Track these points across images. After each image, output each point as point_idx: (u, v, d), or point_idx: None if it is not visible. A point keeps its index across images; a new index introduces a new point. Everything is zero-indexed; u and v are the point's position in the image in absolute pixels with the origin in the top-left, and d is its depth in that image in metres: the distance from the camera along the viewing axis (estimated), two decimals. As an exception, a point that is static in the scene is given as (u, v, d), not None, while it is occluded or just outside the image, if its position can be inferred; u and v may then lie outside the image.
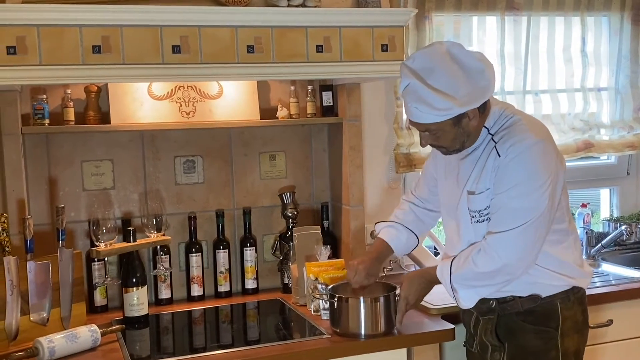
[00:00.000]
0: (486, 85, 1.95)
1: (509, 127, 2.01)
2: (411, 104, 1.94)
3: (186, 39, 2.25)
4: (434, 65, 1.91)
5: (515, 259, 1.95)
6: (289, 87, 2.81)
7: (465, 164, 2.09)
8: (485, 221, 2.02)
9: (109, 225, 2.41)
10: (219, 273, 2.76)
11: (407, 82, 1.94)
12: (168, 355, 2.16)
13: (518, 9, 3.16)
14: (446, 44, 1.97)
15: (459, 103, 1.90)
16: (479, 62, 1.94)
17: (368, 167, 2.99)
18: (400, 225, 2.39)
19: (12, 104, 2.42)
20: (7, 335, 2.17)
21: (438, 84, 1.89)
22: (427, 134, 2.02)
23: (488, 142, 2.03)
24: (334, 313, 2.23)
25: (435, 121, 1.94)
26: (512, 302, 2.07)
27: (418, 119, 1.97)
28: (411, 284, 2.18)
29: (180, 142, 2.76)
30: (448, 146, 2.04)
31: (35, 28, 2.11)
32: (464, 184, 2.07)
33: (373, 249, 2.39)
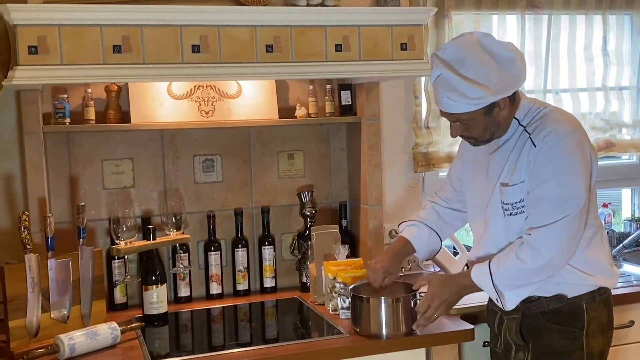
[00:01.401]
0: (518, 74, 1.95)
1: (542, 117, 1.99)
2: (443, 94, 1.94)
3: (206, 38, 2.26)
4: (465, 55, 1.92)
5: (560, 253, 1.92)
6: (308, 87, 2.81)
7: (496, 157, 2.07)
8: (517, 214, 1.99)
9: (129, 223, 2.42)
10: (238, 271, 2.77)
11: (439, 73, 1.94)
12: (187, 353, 2.17)
13: (539, 7, 3.14)
14: (476, 34, 1.98)
15: (492, 92, 1.90)
16: (509, 52, 1.94)
17: (387, 167, 2.99)
18: (421, 223, 2.37)
19: (34, 103, 2.44)
20: (28, 332, 2.19)
21: (470, 73, 1.90)
22: (458, 124, 2.01)
23: (521, 134, 2.01)
24: (354, 313, 2.22)
25: (467, 110, 1.93)
26: (537, 301, 2.04)
27: (450, 109, 1.96)
28: (440, 290, 2.08)
29: (200, 141, 2.77)
30: (478, 136, 2.02)
31: (56, 28, 2.13)
32: (497, 177, 2.05)
33: (393, 247, 2.38)
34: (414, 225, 2.37)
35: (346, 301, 2.35)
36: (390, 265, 2.26)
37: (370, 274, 2.26)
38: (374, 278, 2.25)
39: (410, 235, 2.34)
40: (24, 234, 2.20)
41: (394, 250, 2.33)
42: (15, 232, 2.25)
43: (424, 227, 2.36)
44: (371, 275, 2.26)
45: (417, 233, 2.35)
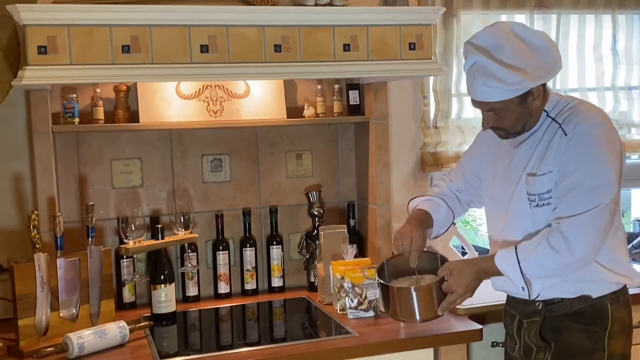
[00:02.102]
0: (554, 62, 1.92)
1: (572, 108, 1.97)
2: (479, 81, 1.90)
3: (214, 38, 2.26)
4: (499, 42, 1.89)
5: (591, 243, 1.87)
6: (316, 86, 2.81)
7: (523, 149, 2.03)
8: (544, 206, 1.95)
9: (137, 222, 2.43)
10: (246, 271, 2.77)
11: (475, 60, 1.90)
12: (195, 352, 2.17)
13: (548, 6, 3.13)
14: (508, 23, 1.95)
15: (530, 77, 1.87)
16: (543, 40, 1.92)
17: (395, 166, 2.98)
18: (439, 199, 2.31)
19: (43, 103, 2.45)
20: (38, 330, 2.20)
21: (508, 59, 1.86)
22: (490, 114, 1.97)
23: (549, 124, 1.98)
24: (386, 300, 2.15)
25: (503, 98, 1.90)
26: (560, 303, 2.00)
27: (485, 97, 1.93)
28: (461, 275, 2.02)
29: (208, 140, 2.78)
30: (510, 127, 1.98)
31: (65, 28, 2.14)
32: (522, 168, 2.01)
33: (415, 217, 2.26)
34: (430, 201, 2.31)
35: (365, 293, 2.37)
36: (423, 235, 2.17)
37: (406, 242, 2.14)
38: (412, 245, 2.13)
39: (431, 209, 2.27)
40: (33, 233, 2.21)
41: (419, 221, 2.22)
42: (25, 231, 2.26)
43: (442, 202, 2.30)
44: (407, 243, 2.13)
45: (437, 208, 2.28)
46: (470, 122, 3.09)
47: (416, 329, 2.27)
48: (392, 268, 2.21)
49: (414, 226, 2.18)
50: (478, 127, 3.07)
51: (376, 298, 2.39)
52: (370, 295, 2.38)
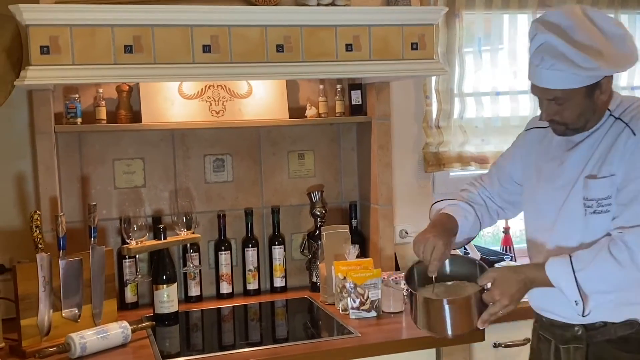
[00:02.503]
0: (629, 53, 1.74)
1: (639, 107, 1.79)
2: (547, 63, 1.70)
3: (216, 38, 2.26)
4: (572, 22, 1.71)
5: None
6: (318, 86, 2.81)
7: (580, 150, 1.83)
8: (602, 213, 1.75)
9: (139, 223, 2.43)
10: (248, 271, 2.77)
11: (543, 39, 1.71)
12: (197, 352, 2.18)
13: (550, 6, 3.12)
14: (580, 6, 1.77)
15: (606, 64, 1.68)
16: (618, 28, 1.75)
17: (397, 166, 2.98)
18: (467, 204, 2.06)
19: (45, 103, 2.45)
20: (40, 330, 2.20)
21: (581, 40, 1.68)
22: (552, 103, 1.76)
23: (613, 123, 1.80)
24: (414, 309, 1.93)
25: (570, 86, 1.71)
26: (602, 328, 1.80)
27: (550, 83, 1.73)
28: (507, 284, 1.79)
29: (210, 141, 2.78)
30: (571, 122, 1.78)
31: (68, 28, 2.14)
32: (579, 171, 1.81)
33: (437, 223, 2.00)
34: (457, 205, 2.05)
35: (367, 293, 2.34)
36: (444, 242, 1.90)
37: (427, 249, 1.89)
38: (433, 254, 1.88)
39: (458, 215, 2.01)
40: (35, 233, 2.21)
41: (443, 226, 1.97)
42: (27, 231, 2.26)
43: (470, 209, 2.05)
44: (429, 250, 1.88)
45: (464, 214, 2.03)
46: (473, 122, 3.09)
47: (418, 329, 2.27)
48: (424, 273, 1.95)
49: (438, 232, 1.93)
50: (480, 127, 3.10)
51: (378, 298, 2.39)
52: (372, 295, 2.38)
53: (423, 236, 1.92)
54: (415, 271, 1.99)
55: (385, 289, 2.42)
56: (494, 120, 3.12)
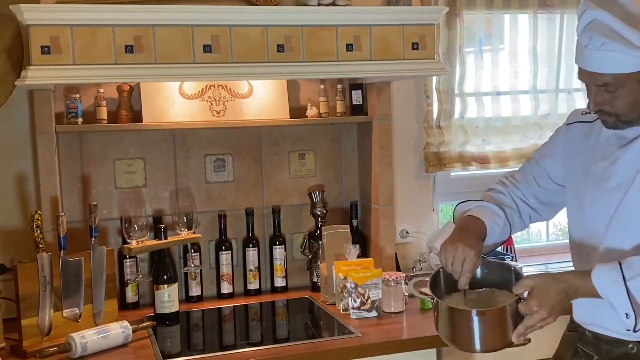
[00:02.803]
0: None
1: None
2: (596, 42, 1.52)
3: (217, 38, 2.26)
4: (625, 0, 1.53)
5: None
6: (319, 86, 2.81)
7: (636, 147, 1.65)
8: None
9: (140, 222, 2.43)
10: (249, 271, 2.77)
11: (593, 16, 1.53)
12: (198, 352, 2.18)
13: (551, 6, 3.12)
14: None
15: None
16: None
17: (398, 166, 2.98)
18: (498, 208, 1.84)
19: (46, 103, 2.46)
20: (41, 330, 2.20)
21: (638, 17, 1.50)
22: (602, 90, 1.58)
23: None
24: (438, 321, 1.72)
25: (624, 70, 1.52)
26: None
27: (598, 66, 1.55)
28: (546, 293, 1.59)
29: (211, 140, 2.78)
30: (622, 113, 1.59)
31: (68, 28, 2.14)
32: (636, 169, 1.63)
33: (467, 228, 1.79)
34: (486, 208, 1.85)
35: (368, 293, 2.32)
36: (475, 252, 1.70)
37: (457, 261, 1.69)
38: (465, 266, 1.69)
39: (487, 219, 1.81)
40: (36, 233, 2.22)
41: (474, 232, 1.77)
42: (28, 231, 2.26)
43: (501, 213, 1.84)
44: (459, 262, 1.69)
45: (494, 218, 1.82)
46: (473, 122, 3.08)
47: (419, 329, 2.27)
48: (452, 278, 1.75)
49: (469, 240, 1.72)
50: (481, 127, 3.10)
51: (379, 298, 2.39)
52: (373, 295, 2.38)
53: (452, 244, 1.71)
54: (441, 276, 1.79)
55: (386, 289, 2.42)
56: (494, 120, 3.12)
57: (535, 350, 2.39)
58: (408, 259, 3.01)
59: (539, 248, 3.35)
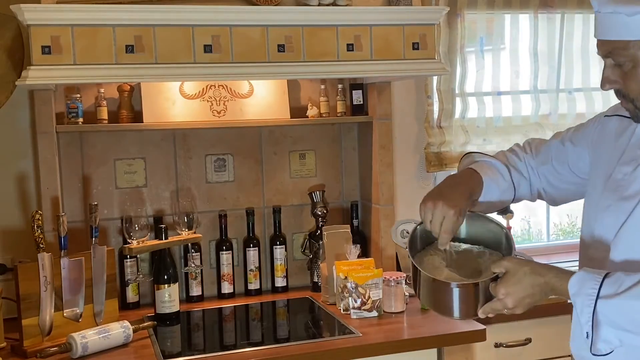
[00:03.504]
0: None
1: None
2: (606, 6, 1.41)
3: (217, 38, 2.26)
4: None
5: None
6: (319, 86, 2.81)
7: None
8: None
9: (141, 222, 2.43)
10: (249, 271, 2.77)
11: None
12: (199, 352, 2.18)
13: (552, 6, 3.12)
14: None
15: None
16: None
17: (398, 166, 2.98)
18: (504, 167, 1.71)
19: (47, 103, 2.46)
20: (41, 330, 2.20)
21: None
22: (612, 64, 1.45)
23: None
24: (416, 284, 1.68)
25: (633, 37, 1.38)
26: None
27: (606, 33, 1.44)
28: (518, 283, 1.48)
29: (211, 140, 2.78)
30: (636, 97, 1.44)
31: (69, 28, 2.14)
32: None
33: (457, 182, 1.67)
34: (489, 163, 1.70)
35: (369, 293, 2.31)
36: (457, 210, 1.57)
37: (437, 218, 1.58)
38: (445, 226, 1.57)
39: (487, 177, 1.67)
40: (37, 233, 2.22)
41: (462, 188, 1.63)
42: (29, 231, 2.26)
43: (507, 174, 1.70)
44: (438, 219, 1.58)
45: (494, 176, 1.68)
46: (474, 122, 3.08)
47: (419, 329, 2.27)
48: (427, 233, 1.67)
49: (451, 196, 1.59)
50: (482, 127, 3.10)
51: (379, 298, 2.39)
52: (373, 295, 2.38)
53: (432, 201, 1.59)
54: (418, 233, 1.71)
55: (387, 289, 2.42)
56: (495, 120, 3.12)
57: (535, 350, 2.40)
58: (408, 259, 3.00)
59: (539, 248, 3.35)
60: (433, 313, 2.26)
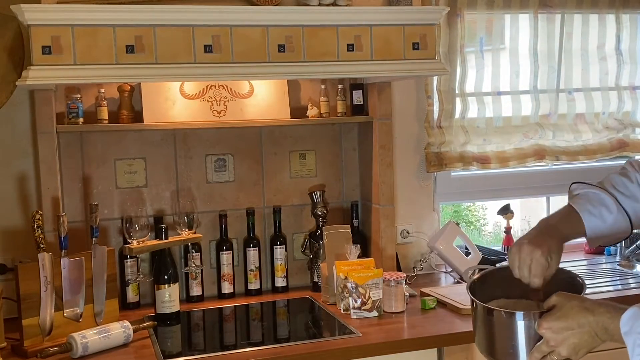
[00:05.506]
0: None
1: None
2: None
3: (218, 38, 2.26)
4: None
5: None
6: (320, 86, 2.81)
7: None
8: None
9: (141, 222, 2.43)
10: (249, 271, 2.77)
11: None
12: (199, 352, 2.18)
13: (551, 6, 3.12)
14: None
15: None
16: None
17: (398, 166, 2.98)
18: (610, 197, 1.58)
19: (47, 103, 2.46)
20: (42, 330, 2.20)
21: None
22: None
23: None
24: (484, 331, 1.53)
25: None
26: None
27: None
28: (564, 318, 1.34)
29: (212, 140, 2.78)
30: None
31: (69, 28, 2.14)
32: None
33: (548, 223, 1.57)
34: (592, 195, 1.59)
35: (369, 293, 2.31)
36: (544, 253, 1.48)
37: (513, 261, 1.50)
38: (523, 273, 1.49)
39: (583, 210, 1.57)
40: (37, 233, 2.22)
41: (557, 226, 1.54)
42: (29, 231, 2.26)
43: (612, 203, 1.58)
44: (518, 263, 1.50)
45: (595, 210, 1.57)
46: (474, 122, 3.08)
47: (419, 329, 2.27)
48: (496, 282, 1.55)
49: (540, 237, 1.50)
50: (482, 127, 3.10)
51: (380, 298, 2.39)
52: (373, 295, 2.38)
53: (518, 244, 1.50)
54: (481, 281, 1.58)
55: (387, 289, 2.42)
56: (495, 120, 3.12)
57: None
58: (409, 259, 3.01)
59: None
60: (433, 313, 2.27)
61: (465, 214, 4.81)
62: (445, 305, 2.50)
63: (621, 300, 2.09)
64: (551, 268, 1.49)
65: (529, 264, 1.47)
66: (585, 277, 2.83)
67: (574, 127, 3.22)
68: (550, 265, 1.48)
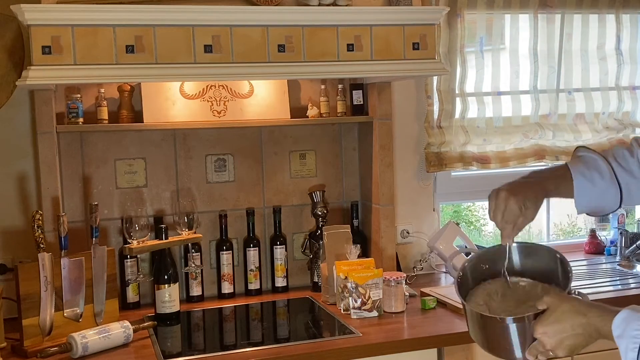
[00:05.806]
0: None
1: None
2: None
3: (218, 38, 2.26)
4: None
5: None
6: (320, 86, 2.81)
7: None
8: None
9: (141, 222, 2.43)
10: (249, 271, 2.77)
11: None
12: (199, 352, 2.18)
13: (551, 6, 3.12)
14: None
15: None
16: None
17: (398, 166, 2.98)
18: (604, 162, 1.57)
19: (47, 103, 2.46)
20: (42, 330, 2.20)
21: None
22: None
23: None
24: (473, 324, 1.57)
25: None
26: None
27: None
28: (558, 322, 1.36)
29: (212, 140, 2.78)
30: None
31: (69, 28, 2.14)
32: None
33: (536, 174, 1.58)
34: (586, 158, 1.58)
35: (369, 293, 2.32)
36: (519, 200, 1.47)
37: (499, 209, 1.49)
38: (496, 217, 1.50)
39: (577, 171, 1.55)
40: (37, 233, 2.22)
41: (546, 188, 1.52)
42: (29, 231, 2.26)
43: (605, 168, 1.56)
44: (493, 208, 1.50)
45: (589, 173, 1.56)
46: (474, 122, 3.08)
47: (419, 329, 2.27)
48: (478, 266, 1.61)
49: (520, 186, 1.50)
50: (482, 127, 3.10)
51: (380, 298, 2.39)
52: (373, 295, 2.38)
53: (498, 189, 1.49)
54: (468, 271, 1.62)
55: (387, 289, 2.42)
56: (495, 120, 3.12)
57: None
58: (409, 259, 3.01)
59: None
60: (433, 313, 2.27)
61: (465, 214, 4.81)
62: (445, 305, 2.50)
63: (621, 300, 2.09)
64: (525, 217, 1.48)
65: (503, 210, 1.47)
66: (586, 277, 2.85)
67: (574, 127, 3.23)
68: (523, 214, 1.47)
